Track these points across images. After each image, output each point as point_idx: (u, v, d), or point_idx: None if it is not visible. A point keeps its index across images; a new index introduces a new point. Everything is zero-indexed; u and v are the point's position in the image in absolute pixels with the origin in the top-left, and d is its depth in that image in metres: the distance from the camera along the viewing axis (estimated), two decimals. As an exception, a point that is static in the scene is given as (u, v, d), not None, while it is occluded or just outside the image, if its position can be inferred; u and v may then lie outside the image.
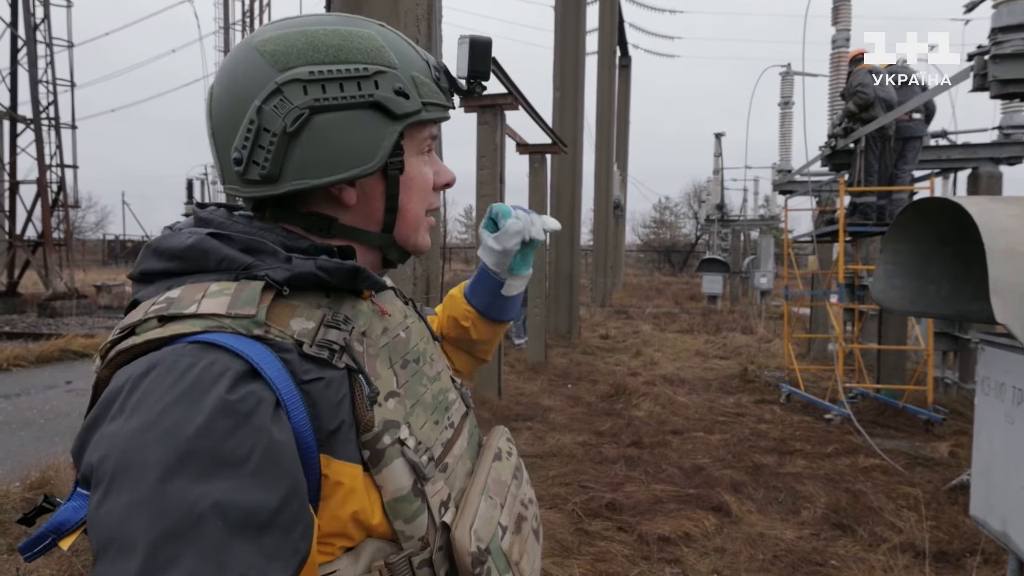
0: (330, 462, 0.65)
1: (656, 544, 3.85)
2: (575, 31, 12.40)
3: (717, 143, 24.78)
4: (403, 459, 0.70)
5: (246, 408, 0.58)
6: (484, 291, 1.09)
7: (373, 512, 0.68)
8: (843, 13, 8.53)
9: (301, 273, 0.69)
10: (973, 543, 3.75)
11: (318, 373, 0.66)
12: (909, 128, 6.92)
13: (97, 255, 39.25)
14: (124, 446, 0.55)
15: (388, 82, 0.73)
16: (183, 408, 0.56)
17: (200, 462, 0.54)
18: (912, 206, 2.70)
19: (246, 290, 0.66)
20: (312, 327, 0.68)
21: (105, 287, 18.14)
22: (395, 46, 0.76)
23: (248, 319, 0.64)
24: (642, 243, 51.64)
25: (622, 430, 6.23)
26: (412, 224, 0.81)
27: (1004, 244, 1.85)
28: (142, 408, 0.57)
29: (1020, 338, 1.77)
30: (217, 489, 0.54)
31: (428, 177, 0.82)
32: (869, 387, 7.51)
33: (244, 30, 20.22)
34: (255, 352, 0.62)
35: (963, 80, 4.84)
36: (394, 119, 0.74)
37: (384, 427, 0.69)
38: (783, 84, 14.59)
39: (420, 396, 0.79)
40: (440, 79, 0.80)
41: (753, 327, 14.43)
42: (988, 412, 2.60)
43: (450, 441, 0.82)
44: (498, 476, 0.85)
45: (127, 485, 0.54)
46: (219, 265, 0.69)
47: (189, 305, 0.64)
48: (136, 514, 0.52)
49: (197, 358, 0.59)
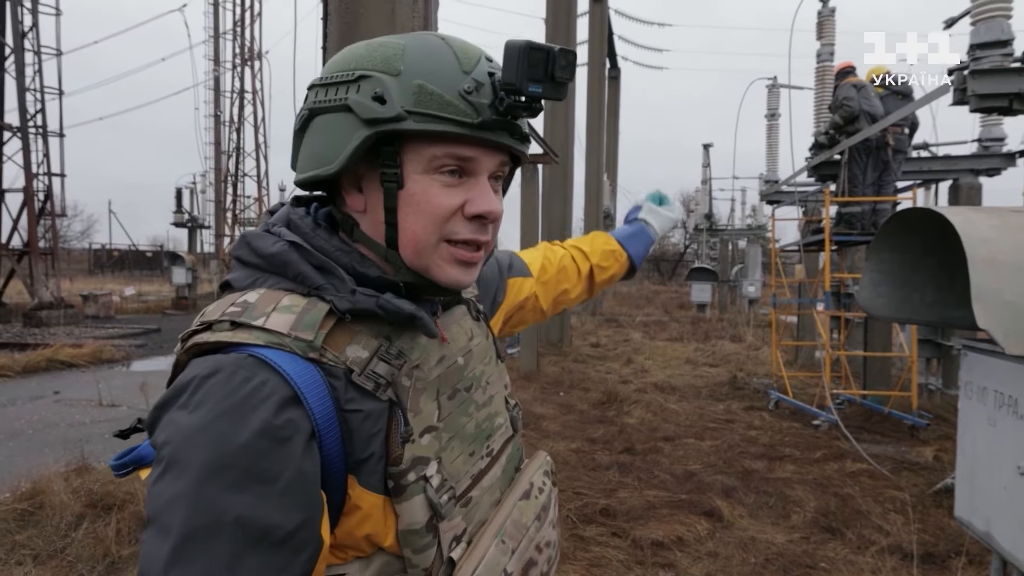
0: (355, 485, 0.71)
1: (650, 549, 3.90)
2: (566, 43, 12.54)
3: (705, 154, 25.03)
4: (423, 496, 0.74)
5: (284, 435, 0.64)
6: (641, 244, 1.38)
7: (387, 535, 0.73)
8: (827, 28, 8.70)
9: (361, 308, 0.73)
10: (958, 544, 3.84)
11: (359, 404, 0.71)
12: (898, 141, 7.10)
13: (83, 264, 38.89)
14: (181, 440, 0.63)
15: (369, 86, 0.72)
16: (232, 421, 0.63)
17: (235, 474, 0.61)
18: (897, 216, 2.79)
19: (311, 312, 0.71)
20: (365, 357, 0.73)
21: (91, 296, 17.98)
22: (420, 55, 0.74)
23: (306, 343, 0.69)
24: (630, 252, 51.75)
25: (614, 437, 6.29)
26: (413, 246, 0.77)
27: (985, 253, 1.94)
28: (201, 409, 0.64)
29: (1001, 343, 1.85)
30: (243, 503, 0.61)
31: (438, 200, 0.75)
32: (856, 393, 7.63)
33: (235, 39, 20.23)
34: (303, 378, 0.68)
35: (944, 94, 4.98)
36: (363, 124, 0.72)
37: (412, 464, 0.73)
38: (769, 96, 14.78)
39: (461, 428, 0.82)
40: (472, 93, 0.73)
41: (742, 335, 14.58)
42: (971, 415, 2.69)
43: (482, 472, 0.85)
44: (519, 517, 0.86)
45: (175, 475, 0.62)
46: (295, 278, 0.75)
47: (259, 317, 0.70)
48: (178, 504, 0.60)
49: (252, 373, 0.66)
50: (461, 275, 0.79)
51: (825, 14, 8.69)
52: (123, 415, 7.31)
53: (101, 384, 7.91)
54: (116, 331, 14.82)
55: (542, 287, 1.23)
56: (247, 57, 23.49)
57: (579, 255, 1.31)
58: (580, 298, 1.34)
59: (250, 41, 23.42)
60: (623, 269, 1.36)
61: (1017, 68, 4.48)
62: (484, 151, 0.76)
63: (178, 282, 21.47)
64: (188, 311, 20.72)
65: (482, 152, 0.76)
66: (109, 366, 10.65)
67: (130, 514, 3.90)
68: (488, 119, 0.73)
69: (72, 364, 10.29)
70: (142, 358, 11.85)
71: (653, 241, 1.40)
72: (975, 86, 4.51)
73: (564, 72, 0.74)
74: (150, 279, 35.11)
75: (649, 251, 1.40)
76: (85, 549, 3.57)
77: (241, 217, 26.44)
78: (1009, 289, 1.89)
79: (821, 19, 8.73)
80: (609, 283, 1.37)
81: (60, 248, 19.77)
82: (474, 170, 0.76)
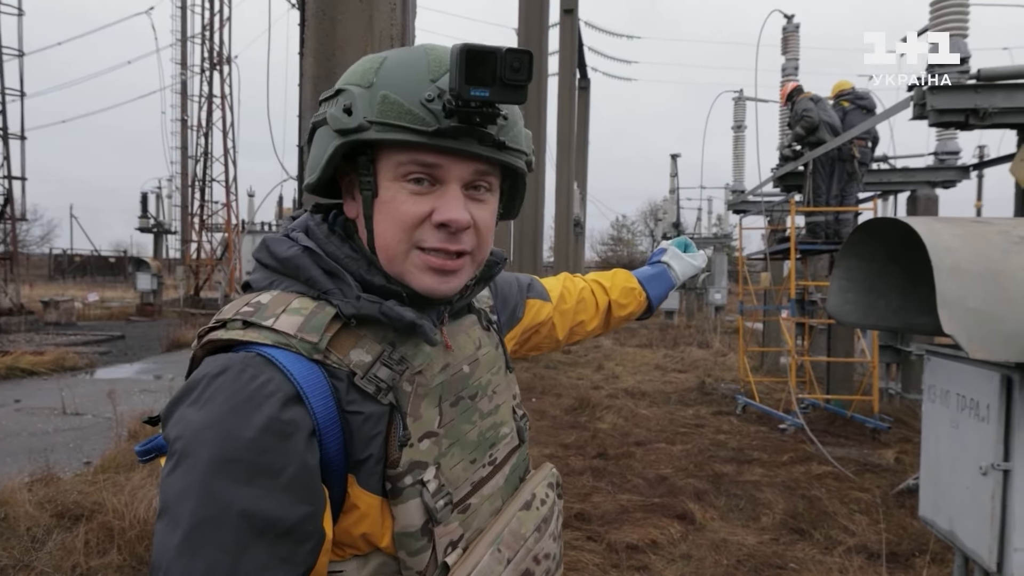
0: (354, 485, 0.74)
1: (625, 552, 3.96)
2: (538, 53, 12.65)
3: (673, 164, 25.41)
4: (420, 500, 0.76)
5: (287, 431, 0.67)
6: (662, 286, 1.40)
7: (383, 536, 0.75)
8: (792, 43, 8.96)
9: (365, 314, 0.76)
10: (921, 543, 3.97)
11: (360, 406, 0.74)
12: (862, 154, 7.34)
13: (43, 270, 37.73)
14: (190, 436, 0.67)
15: (343, 100, 0.76)
16: (238, 417, 0.66)
17: (241, 468, 0.65)
18: (863, 226, 2.90)
19: (318, 316, 0.75)
20: (368, 361, 0.76)
21: (53, 302, 17.47)
22: (394, 67, 0.76)
23: (311, 345, 0.73)
24: (600, 260, 52.15)
25: (587, 442, 6.35)
26: (385, 252, 0.79)
27: (949, 262, 2.04)
28: (210, 405, 0.67)
29: (965, 348, 1.95)
30: (249, 496, 0.64)
31: (404, 207, 0.76)
32: (820, 398, 7.82)
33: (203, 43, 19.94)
34: (307, 378, 0.71)
35: (904, 109, 5.17)
36: (335, 135, 0.76)
37: (409, 468, 0.75)
38: (736, 108, 15.09)
39: (463, 435, 0.84)
40: (434, 101, 0.73)
41: (709, 341, 14.82)
42: (934, 418, 2.80)
43: (483, 480, 0.86)
44: (517, 528, 0.86)
45: (186, 469, 0.65)
46: (307, 282, 0.78)
47: (269, 318, 0.74)
48: (187, 496, 0.64)
49: (258, 372, 0.69)
50: (435, 283, 0.79)
51: (790, 30, 8.95)
52: (88, 424, 7.14)
53: (64, 392, 7.70)
54: (79, 338, 14.45)
55: (559, 315, 1.24)
56: (216, 61, 23.15)
57: (599, 289, 1.34)
58: (596, 331, 1.35)
59: (219, 45, 23.10)
60: (641, 308, 1.39)
61: (973, 85, 4.68)
62: (451, 159, 0.76)
63: (143, 288, 21.02)
64: (153, 317, 20.26)
65: (448, 160, 0.75)
66: (72, 374, 10.37)
67: (99, 525, 3.81)
68: (446, 127, 0.73)
69: (33, 372, 10.01)
70: (106, 365, 11.57)
71: (674, 285, 1.42)
72: (934, 101, 4.69)
73: (517, 75, 0.73)
74: (113, 285, 34.24)
75: (668, 295, 1.43)
76: (54, 561, 3.49)
77: (208, 223, 25.97)
78: (972, 296, 1.99)
79: (786, 34, 8.98)
80: (626, 320, 1.39)
81: (20, 253, 19.18)
82: (443, 178, 0.76)
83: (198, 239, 25.81)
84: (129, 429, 5.89)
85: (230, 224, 24.71)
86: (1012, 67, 4.75)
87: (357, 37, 3.99)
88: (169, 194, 27.21)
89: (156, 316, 20.44)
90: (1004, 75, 4.68)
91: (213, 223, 26.43)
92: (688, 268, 1.43)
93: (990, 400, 2.34)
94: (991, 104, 4.65)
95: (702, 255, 1.45)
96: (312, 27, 4.51)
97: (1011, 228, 2.28)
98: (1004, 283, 2.04)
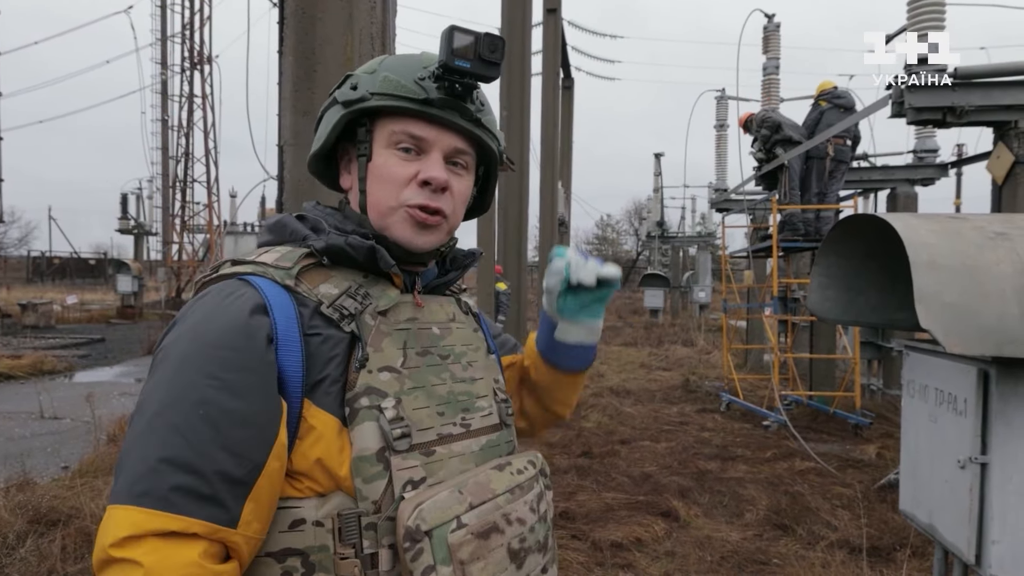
0: (310, 407, 0.79)
1: (609, 550, 3.96)
2: (521, 53, 12.59)
3: (657, 163, 25.51)
4: (375, 424, 0.79)
5: (250, 332, 0.76)
6: (542, 330, 1.09)
7: (342, 464, 0.77)
8: (773, 43, 9.03)
9: (333, 244, 0.86)
10: (902, 537, 4.01)
11: (322, 330, 0.82)
12: (839, 152, 7.42)
13: (21, 272, 37.14)
14: (170, 343, 0.77)
15: (350, 82, 0.92)
16: (208, 319, 0.77)
17: (204, 361, 0.74)
18: (842, 223, 2.91)
19: (293, 252, 0.87)
20: (335, 293, 0.85)
21: (31, 305, 17.17)
22: (395, 60, 0.92)
23: (284, 271, 0.84)
24: (584, 259, 52.29)
25: (572, 441, 6.36)
26: (378, 210, 0.90)
27: (926, 257, 2.06)
28: (191, 318, 0.79)
29: (943, 342, 1.96)
30: (208, 385, 0.72)
31: (394, 169, 0.89)
32: (803, 394, 7.89)
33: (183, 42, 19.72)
34: (275, 296, 0.80)
35: (882, 107, 5.22)
36: (341, 107, 0.90)
37: (365, 391, 0.80)
38: (718, 108, 15.21)
39: (430, 384, 0.88)
40: (426, 79, 0.87)
41: (693, 339, 14.90)
42: (913, 413, 2.82)
43: (453, 437, 0.87)
44: (486, 481, 0.85)
45: (161, 369, 0.75)
46: (291, 236, 0.91)
47: (255, 257, 0.87)
48: (157, 389, 0.74)
49: (235, 288, 0.81)
50: (413, 235, 0.89)
51: (771, 29, 9.01)
52: (67, 428, 7.03)
53: (42, 396, 7.58)
54: (57, 341, 14.21)
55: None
56: (196, 61, 22.91)
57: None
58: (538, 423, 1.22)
59: (199, 44, 22.86)
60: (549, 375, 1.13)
61: (949, 83, 4.73)
62: (436, 130, 0.89)
63: (123, 290, 20.72)
64: (134, 320, 19.98)
65: (434, 131, 0.89)
66: (51, 377, 10.20)
67: (76, 530, 3.76)
68: (434, 97, 0.86)
69: (10, 376, 9.84)
70: (86, 368, 11.40)
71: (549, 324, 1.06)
72: (912, 99, 4.75)
73: (492, 54, 0.85)
74: (93, 287, 33.71)
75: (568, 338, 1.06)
76: (29, 567, 3.43)
77: (190, 224, 25.70)
78: (948, 291, 2.01)
79: (767, 34, 9.05)
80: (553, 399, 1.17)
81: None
82: (427, 149, 0.89)
83: (179, 240, 25.53)
84: (108, 433, 5.81)
85: (212, 225, 24.46)
86: (988, 66, 4.81)
87: (337, 35, 3.96)
88: (150, 195, 26.94)
89: (137, 318, 20.16)
90: (980, 74, 4.74)
91: (194, 224, 26.16)
92: (548, 298, 1.02)
93: (967, 394, 2.36)
94: (968, 102, 4.71)
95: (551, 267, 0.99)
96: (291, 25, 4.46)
97: (987, 224, 2.30)
98: (980, 278, 2.05)
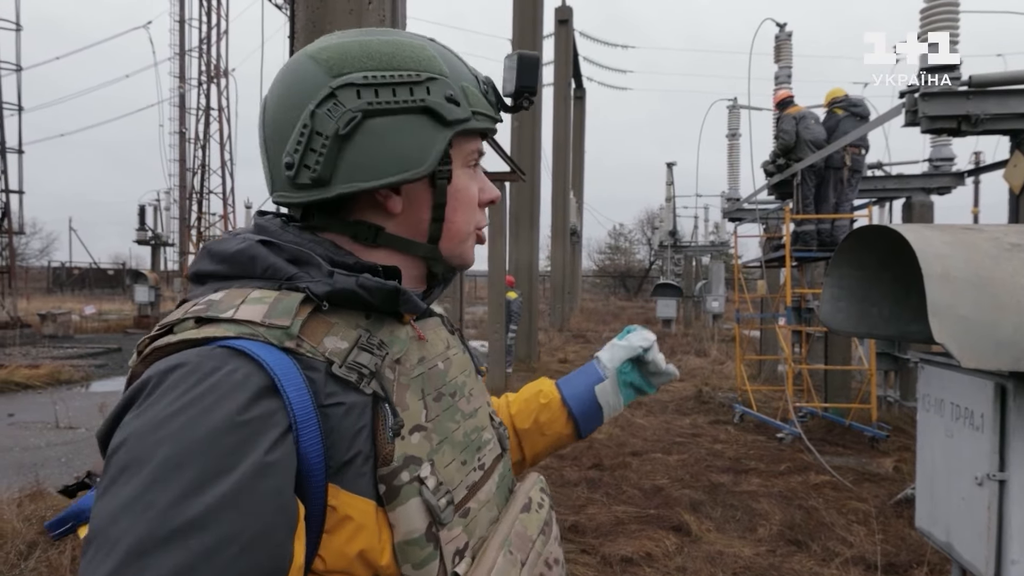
0: (339, 493, 0.63)
1: (619, 565, 3.91)
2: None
3: (669, 172, 25.44)
4: (420, 499, 0.67)
5: (255, 428, 0.57)
6: (580, 380, 1.15)
7: (383, 552, 0.65)
8: (784, 51, 8.97)
9: (342, 289, 0.68)
10: (919, 554, 3.93)
11: (341, 397, 0.64)
12: (856, 162, 7.38)
13: (41, 283, 37.65)
14: (132, 443, 0.55)
15: (440, 88, 0.73)
16: (194, 413, 0.55)
17: (192, 475, 0.53)
18: (855, 233, 2.87)
19: (284, 300, 0.66)
20: (345, 347, 0.67)
21: (50, 316, 17.39)
22: (445, 57, 0.76)
23: (282, 330, 0.63)
24: (598, 268, 52.25)
25: (583, 453, 6.30)
26: (457, 237, 0.80)
27: (940, 269, 2.02)
28: (158, 405, 0.56)
29: (957, 356, 1.92)
30: (198, 508, 0.52)
31: (473, 191, 0.81)
32: (817, 406, 7.78)
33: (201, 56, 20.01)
34: (281, 367, 0.61)
35: (896, 116, 5.16)
36: (445, 125, 0.73)
37: (404, 463, 0.66)
38: (730, 117, 15.18)
39: (450, 433, 0.75)
40: (488, 92, 0.79)
41: (706, 350, 14.78)
42: (929, 428, 2.76)
43: (476, 484, 0.77)
44: (523, 530, 0.79)
45: (123, 482, 0.53)
46: (264, 272, 0.69)
47: (227, 310, 0.64)
48: (124, 514, 0.52)
49: (222, 363, 0.59)
50: (474, 255, 0.86)
51: (782, 38, 8.96)
52: (81, 438, 7.08)
53: (58, 406, 7.66)
54: (75, 351, 14.36)
55: None
56: (213, 74, 23.22)
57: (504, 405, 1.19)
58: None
59: (216, 58, 23.18)
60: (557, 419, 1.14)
61: (964, 91, 4.67)
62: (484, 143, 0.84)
63: (140, 300, 20.92)
64: (150, 330, 20.15)
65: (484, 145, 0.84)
66: (67, 387, 10.31)
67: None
68: (499, 116, 0.82)
69: (28, 386, 9.95)
70: (102, 378, 11.50)
71: (600, 377, 1.15)
72: (926, 108, 4.69)
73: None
74: (111, 298, 34.10)
75: (604, 396, 1.14)
76: (38, 578, 3.44)
77: (206, 234, 25.98)
78: (962, 304, 1.96)
79: (778, 43, 9.00)
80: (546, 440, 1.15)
81: (18, 266, 19.18)
82: (479, 161, 0.83)
83: (196, 251, 25.81)
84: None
85: (225, 236, 24.68)
86: (1004, 73, 4.74)
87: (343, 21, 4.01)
88: (167, 206, 27.22)
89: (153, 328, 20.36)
90: (996, 81, 4.68)
91: (211, 235, 26.44)
92: (619, 351, 1.16)
93: (984, 409, 2.31)
94: (983, 110, 4.64)
95: (640, 333, 1.17)
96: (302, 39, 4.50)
97: (1002, 235, 2.25)
98: (995, 290, 2.01)
